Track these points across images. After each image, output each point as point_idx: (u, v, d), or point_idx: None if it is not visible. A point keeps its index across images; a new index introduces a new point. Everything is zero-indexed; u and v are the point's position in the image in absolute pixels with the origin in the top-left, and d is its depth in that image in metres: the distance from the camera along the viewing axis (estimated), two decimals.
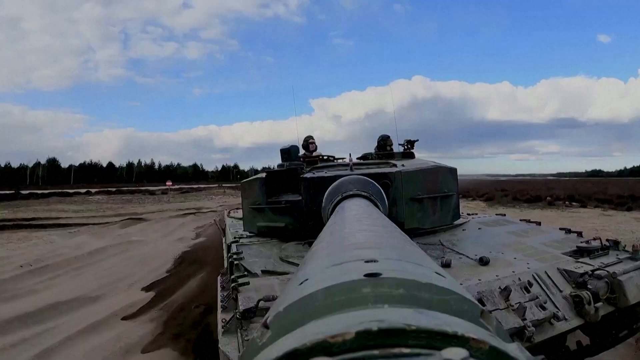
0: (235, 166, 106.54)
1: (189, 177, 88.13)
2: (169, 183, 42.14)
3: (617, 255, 3.42)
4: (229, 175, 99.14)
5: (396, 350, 0.30)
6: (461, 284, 2.77)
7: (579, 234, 4.06)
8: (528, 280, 2.79)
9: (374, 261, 0.53)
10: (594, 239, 3.75)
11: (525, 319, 2.44)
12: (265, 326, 0.42)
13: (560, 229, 4.25)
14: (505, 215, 5.12)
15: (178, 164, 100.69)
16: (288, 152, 4.43)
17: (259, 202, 4.27)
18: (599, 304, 2.71)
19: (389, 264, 0.52)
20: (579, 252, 3.45)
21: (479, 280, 2.70)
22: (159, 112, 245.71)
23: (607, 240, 3.63)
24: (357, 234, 0.82)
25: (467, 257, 3.15)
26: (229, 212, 7.80)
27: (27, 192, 34.42)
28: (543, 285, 2.83)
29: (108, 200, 26.42)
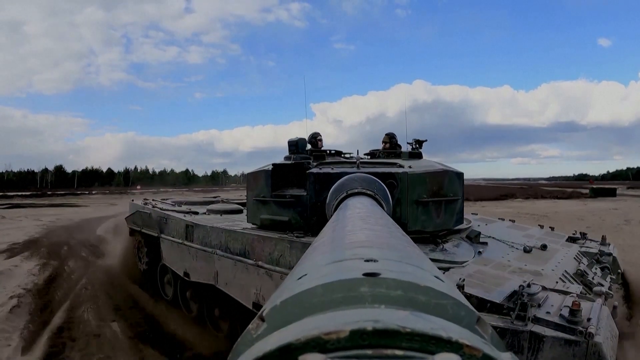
0: (225, 171, 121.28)
1: (181, 181, 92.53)
2: (138, 187, 61.40)
3: (591, 241, 4.82)
4: (218, 179, 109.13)
5: (389, 351, 0.30)
6: (560, 262, 3.73)
7: (552, 228, 5.28)
8: (594, 253, 4.23)
9: (374, 261, 0.53)
10: (574, 233, 5.01)
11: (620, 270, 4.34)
12: (261, 319, 0.42)
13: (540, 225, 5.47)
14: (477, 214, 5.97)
15: (172, 170, 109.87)
16: (296, 145, 4.41)
17: (263, 194, 4.25)
18: (618, 270, 4.37)
19: (388, 264, 0.52)
20: (571, 240, 4.66)
21: (565, 255, 3.87)
22: (160, 116, 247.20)
23: (580, 232, 4.99)
24: (359, 233, 0.82)
25: (526, 245, 3.94)
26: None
27: (50, 192, 50.94)
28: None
29: (104, 197, 40.04)
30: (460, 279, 2.60)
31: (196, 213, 5.82)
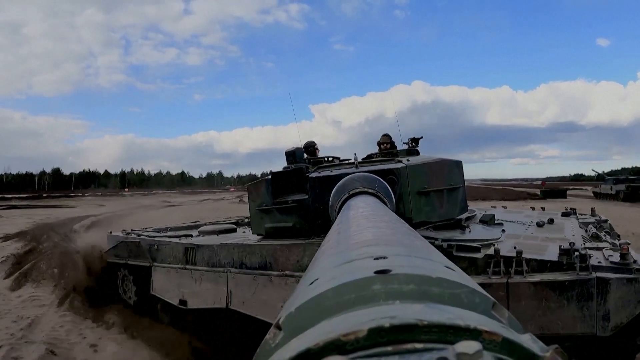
0: (220, 173, 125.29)
1: (176, 183, 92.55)
2: (126, 190, 64.52)
3: (582, 215, 5.28)
4: (213, 181, 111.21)
5: (409, 345, 0.30)
6: (573, 230, 3.95)
7: (543, 208, 5.74)
8: (592, 222, 4.69)
9: (383, 258, 0.53)
10: (566, 208, 5.41)
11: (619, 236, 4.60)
12: (278, 327, 0.42)
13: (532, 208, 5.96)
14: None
15: (167, 172, 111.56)
16: (293, 155, 4.39)
17: (265, 203, 4.25)
18: (619, 235, 4.64)
19: (398, 260, 0.52)
20: (565, 215, 4.96)
21: (572, 225, 4.16)
22: (159, 118, 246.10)
23: (571, 208, 5.39)
24: (365, 232, 0.82)
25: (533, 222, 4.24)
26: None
27: (46, 194, 56.75)
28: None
29: (96, 199, 45.16)
30: (514, 246, 2.84)
31: (190, 236, 5.46)
